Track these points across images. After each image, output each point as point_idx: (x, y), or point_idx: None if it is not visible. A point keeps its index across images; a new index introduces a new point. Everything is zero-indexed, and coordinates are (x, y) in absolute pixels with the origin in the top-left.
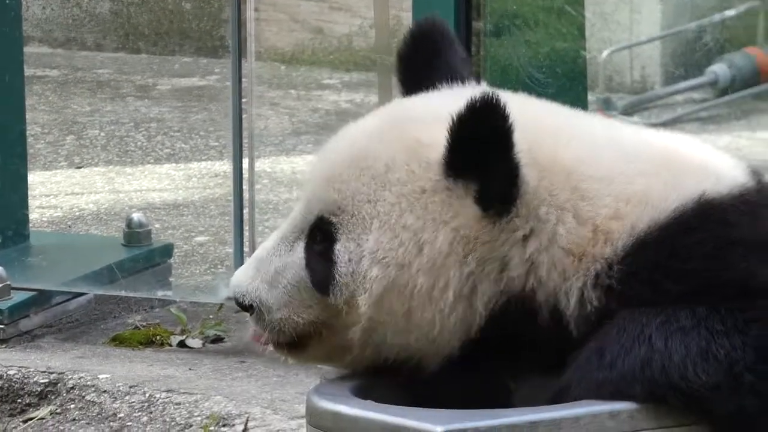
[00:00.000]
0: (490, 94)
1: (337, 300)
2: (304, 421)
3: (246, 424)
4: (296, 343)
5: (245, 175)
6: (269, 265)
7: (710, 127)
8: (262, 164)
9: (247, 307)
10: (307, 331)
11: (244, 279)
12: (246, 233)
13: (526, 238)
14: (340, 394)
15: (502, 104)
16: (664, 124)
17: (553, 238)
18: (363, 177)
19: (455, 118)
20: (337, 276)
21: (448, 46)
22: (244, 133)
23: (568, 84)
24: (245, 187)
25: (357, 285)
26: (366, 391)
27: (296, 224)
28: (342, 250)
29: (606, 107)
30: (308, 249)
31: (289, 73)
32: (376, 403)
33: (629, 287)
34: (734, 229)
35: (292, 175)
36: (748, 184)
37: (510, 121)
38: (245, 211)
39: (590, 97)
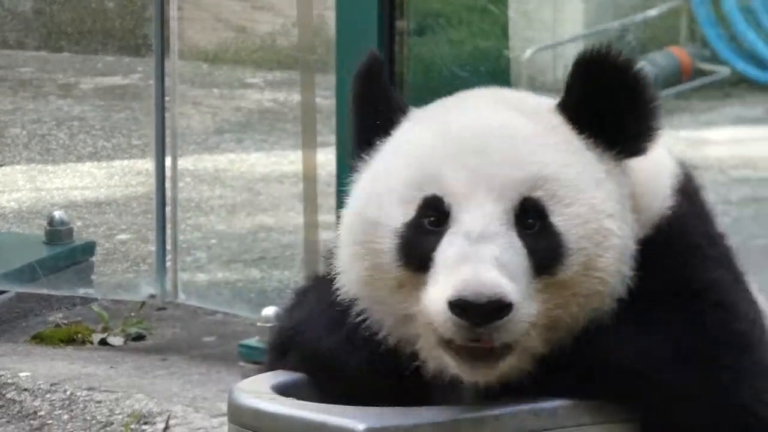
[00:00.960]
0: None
1: (571, 272)
2: (225, 419)
3: (167, 423)
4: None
5: (168, 173)
6: (504, 259)
7: None
8: (185, 162)
9: (505, 307)
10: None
11: (493, 278)
12: (168, 231)
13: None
14: (263, 392)
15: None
16: None
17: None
18: (535, 146)
19: (587, 70)
20: (568, 245)
21: (385, 80)
22: (167, 132)
23: (491, 83)
24: (168, 185)
25: (591, 246)
26: (288, 389)
27: (492, 218)
28: (561, 219)
29: None
30: (523, 235)
31: (212, 72)
32: (299, 401)
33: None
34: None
35: (214, 173)
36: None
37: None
38: (168, 209)
39: None
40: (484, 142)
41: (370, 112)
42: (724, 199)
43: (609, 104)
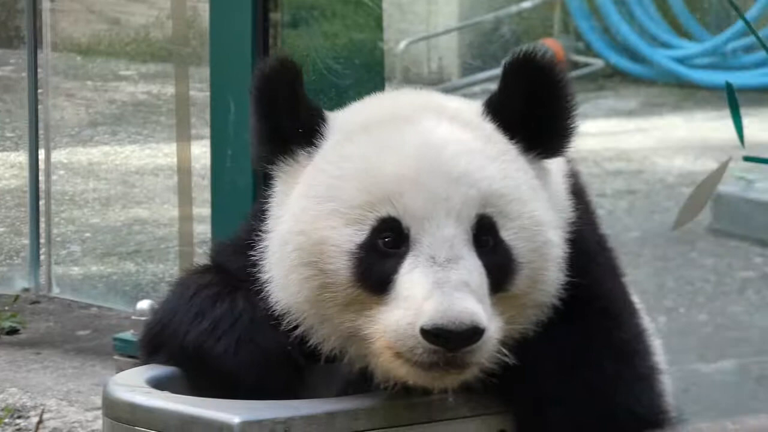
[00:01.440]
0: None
1: (522, 285)
2: (100, 412)
3: (41, 416)
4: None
5: (41, 165)
6: (473, 283)
7: None
8: (59, 155)
9: (478, 332)
10: None
11: (465, 304)
12: (42, 224)
13: None
14: (137, 386)
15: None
16: None
17: None
18: (482, 160)
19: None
20: (518, 260)
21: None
22: (40, 124)
23: (366, 75)
24: (41, 177)
25: (538, 259)
26: (163, 383)
27: (455, 240)
28: (510, 234)
29: None
30: (480, 254)
31: (86, 64)
32: (173, 395)
33: None
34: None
35: (88, 166)
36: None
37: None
38: (41, 202)
39: (387, 87)
40: (438, 161)
41: (284, 117)
42: (599, 191)
43: (533, 105)
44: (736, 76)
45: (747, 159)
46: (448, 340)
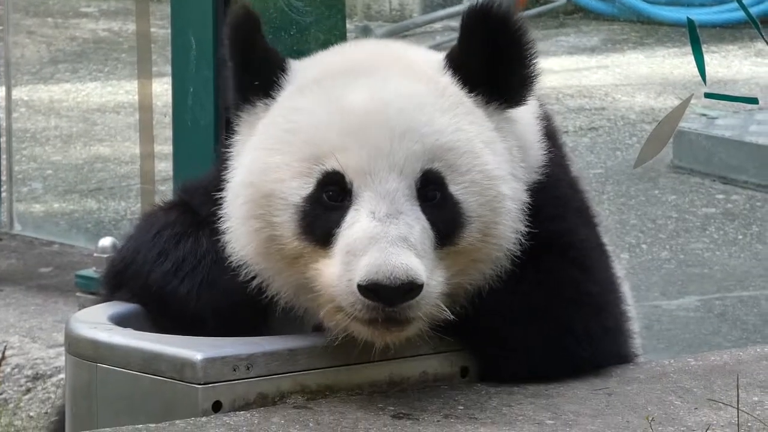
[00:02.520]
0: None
1: (471, 239)
2: (62, 349)
3: (3, 353)
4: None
5: (2, 103)
6: (412, 237)
7: None
8: (19, 92)
9: (416, 288)
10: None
11: (404, 260)
12: (3, 162)
13: None
14: (100, 323)
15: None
16: None
17: None
18: (431, 115)
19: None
20: (467, 214)
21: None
22: (1, 62)
23: (326, 12)
24: (2, 115)
25: (488, 213)
26: (126, 320)
27: (396, 194)
28: (459, 188)
29: (364, 35)
30: (425, 209)
31: (46, 1)
32: (136, 332)
33: None
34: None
35: (49, 104)
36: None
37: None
38: (2, 139)
39: (348, 25)
40: (383, 115)
41: (247, 69)
42: (561, 128)
43: (492, 56)
44: (697, 13)
45: (708, 96)
46: (385, 296)
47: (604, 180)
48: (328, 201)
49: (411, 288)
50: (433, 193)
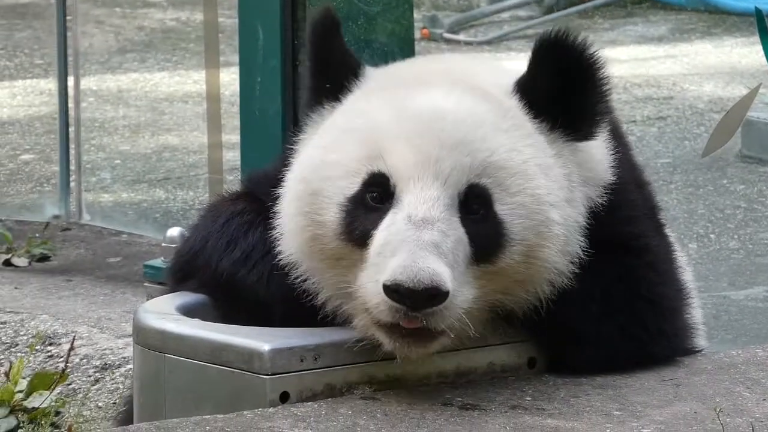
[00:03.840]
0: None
1: (511, 261)
2: (130, 339)
3: (72, 343)
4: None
5: (71, 92)
6: (445, 246)
7: None
8: (88, 82)
9: (441, 295)
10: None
11: (433, 266)
12: (72, 151)
13: None
14: (167, 313)
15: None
16: (490, 42)
17: None
18: (488, 132)
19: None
20: (510, 235)
21: (340, 33)
22: (69, 51)
23: (394, 2)
24: (71, 104)
25: (533, 237)
26: (193, 310)
27: (437, 202)
28: (506, 208)
29: (431, 25)
30: (466, 222)
31: None
32: (204, 322)
33: None
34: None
35: (117, 93)
36: None
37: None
38: (71, 129)
39: (416, 15)
40: (437, 125)
41: (323, 71)
42: (629, 117)
43: (565, 87)
44: (765, 2)
45: None
46: (408, 298)
47: (672, 170)
48: (371, 202)
49: (435, 294)
50: (477, 208)
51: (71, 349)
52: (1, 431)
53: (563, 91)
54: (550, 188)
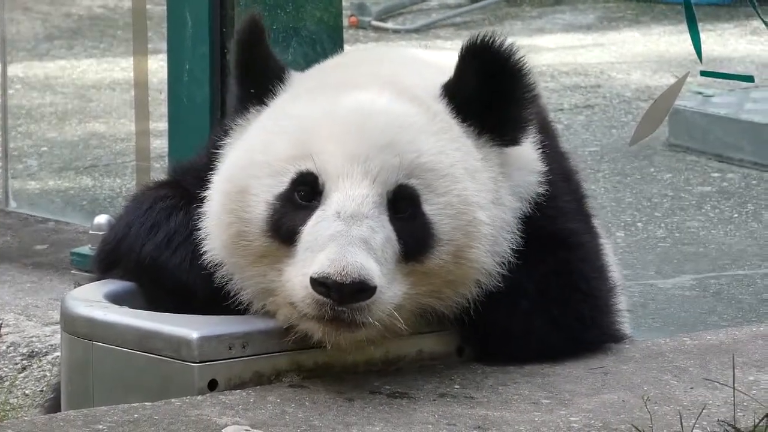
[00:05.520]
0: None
1: (440, 261)
2: (58, 327)
3: None
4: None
5: None
6: (374, 242)
7: (465, 33)
8: (15, 69)
9: (368, 290)
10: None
11: (361, 261)
12: None
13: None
14: (95, 300)
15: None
16: (418, 30)
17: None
18: (416, 134)
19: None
20: (438, 235)
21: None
22: None
23: None
24: None
25: (461, 237)
26: (121, 298)
27: (366, 200)
28: (434, 209)
29: (360, 13)
30: (395, 221)
31: None
32: (132, 310)
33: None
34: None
35: (45, 80)
36: None
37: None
38: None
39: (344, 2)
40: (366, 126)
41: (248, 76)
42: (556, 106)
43: (491, 92)
44: None
45: (704, 74)
46: (335, 291)
47: (600, 158)
48: (299, 200)
49: (362, 288)
50: (405, 208)
51: None
52: None
53: (490, 96)
54: (477, 190)
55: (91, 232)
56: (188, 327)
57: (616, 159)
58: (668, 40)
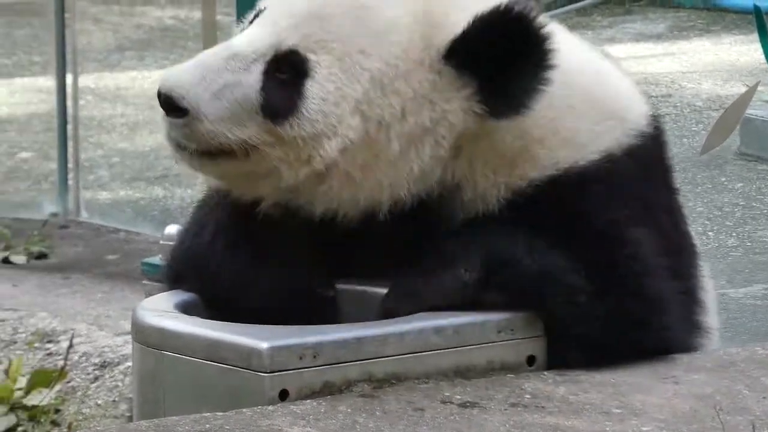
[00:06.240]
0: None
1: (295, 132)
2: (129, 337)
3: (71, 341)
4: (213, 155)
5: (69, 90)
6: (218, 76)
7: None
8: (86, 80)
9: (178, 109)
10: (232, 149)
11: (186, 81)
12: (70, 149)
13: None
14: (166, 310)
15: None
16: None
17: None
18: (360, 27)
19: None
20: (304, 111)
21: None
22: (68, 49)
23: None
24: (69, 102)
25: (325, 127)
26: (191, 308)
27: (257, 47)
28: (316, 88)
29: None
30: (268, 75)
31: None
32: (202, 320)
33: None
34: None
35: (116, 91)
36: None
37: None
38: (69, 126)
39: None
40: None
41: None
42: None
43: (498, 56)
44: (763, 0)
45: None
46: (160, 101)
47: None
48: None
49: (172, 106)
50: (290, 71)
51: (70, 346)
52: (1, 429)
53: (496, 61)
54: (373, 102)
55: (161, 242)
56: (259, 337)
57: (686, 168)
58: (739, 50)
